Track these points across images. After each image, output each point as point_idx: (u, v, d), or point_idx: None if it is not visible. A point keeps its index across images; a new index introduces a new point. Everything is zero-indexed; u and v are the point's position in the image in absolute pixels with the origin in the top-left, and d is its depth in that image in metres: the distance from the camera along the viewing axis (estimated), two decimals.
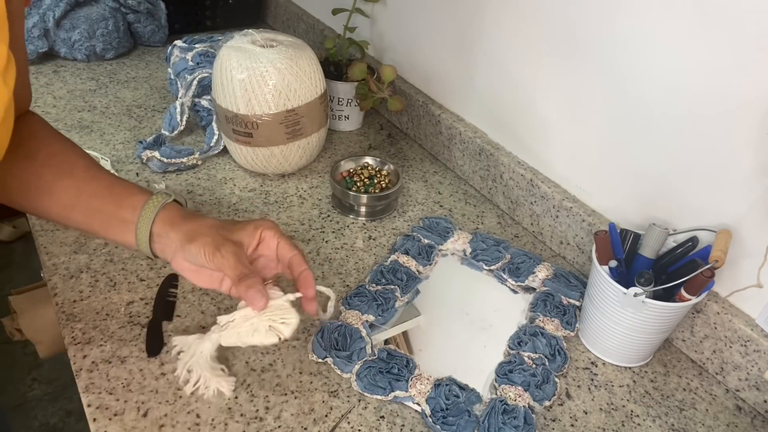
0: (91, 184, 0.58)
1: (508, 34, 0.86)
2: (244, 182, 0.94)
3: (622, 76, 0.72)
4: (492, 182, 0.95)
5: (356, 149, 1.07)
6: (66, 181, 0.58)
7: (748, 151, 0.62)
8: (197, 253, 0.55)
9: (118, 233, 0.58)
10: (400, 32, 1.09)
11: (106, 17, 1.20)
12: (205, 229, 0.56)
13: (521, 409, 0.62)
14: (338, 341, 0.67)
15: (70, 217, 0.59)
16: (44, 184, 0.58)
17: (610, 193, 0.80)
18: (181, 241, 0.56)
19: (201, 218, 0.58)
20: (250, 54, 0.84)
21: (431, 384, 0.64)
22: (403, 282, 0.76)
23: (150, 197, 0.58)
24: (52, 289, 0.71)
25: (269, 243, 0.59)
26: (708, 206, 0.68)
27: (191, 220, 0.58)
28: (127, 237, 0.58)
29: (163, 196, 0.59)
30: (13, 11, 0.47)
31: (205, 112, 1.01)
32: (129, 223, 0.57)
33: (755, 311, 0.67)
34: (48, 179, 0.58)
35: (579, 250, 0.83)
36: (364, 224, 0.89)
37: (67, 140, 0.62)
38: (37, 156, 0.58)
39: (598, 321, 0.69)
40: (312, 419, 0.61)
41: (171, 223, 0.57)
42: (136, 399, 0.60)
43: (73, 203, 0.58)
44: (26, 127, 0.59)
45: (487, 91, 0.94)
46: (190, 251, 0.55)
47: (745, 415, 0.67)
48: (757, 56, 0.58)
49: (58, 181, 0.58)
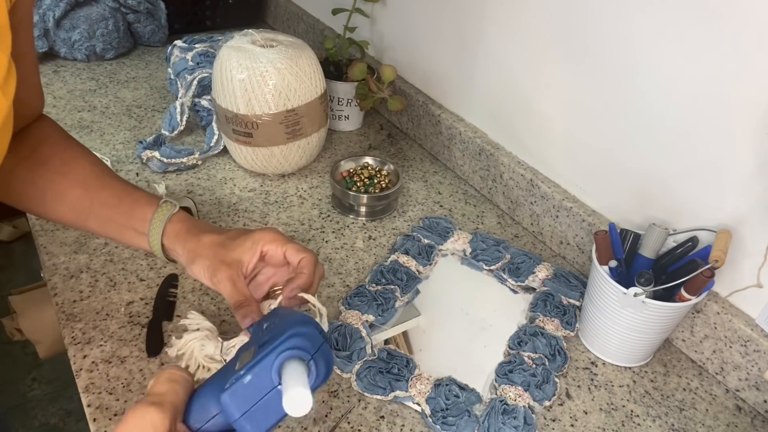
0: (102, 194, 0.59)
1: (509, 34, 0.86)
2: (244, 182, 0.94)
3: (622, 75, 0.72)
4: (492, 182, 0.95)
5: (356, 149, 1.07)
6: (78, 191, 0.59)
7: (747, 151, 0.62)
8: (198, 275, 0.56)
9: (135, 242, 0.60)
10: (400, 32, 1.09)
11: (106, 17, 1.20)
12: (203, 250, 0.56)
13: (521, 409, 0.62)
14: (338, 341, 0.67)
15: (86, 225, 0.61)
16: (59, 193, 0.59)
17: (610, 193, 0.80)
18: (185, 259, 0.57)
19: (202, 234, 0.58)
20: (250, 54, 0.84)
21: (431, 384, 0.64)
22: (403, 282, 0.77)
23: (157, 209, 0.59)
24: (52, 289, 0.71)
25: (274, 254, 0.57)
26: (708, 206, 0.68)
27: (193, 236, 0.58)
28: (144, 246, 0.60)
29: (168, 206, 0.59)
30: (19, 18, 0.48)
31: (205, 112, 1.01)
32: (141, 234, 0.59)
33: (755, 311, 0.67)
34: (62, 188, 0.59)
35: (579, 250, 0.83)
36: (364, 224, 0.89)
37: (79, 145, 0.62)
38: (51, 163, 0.59)
39: (598, 321, 0.69)
40: (312, 419, 0.61)
41: (177, 238, 0.58)
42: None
43: (87, 213, 0.59)
44: (39, 132, 0.60)
45: (487, 91, 0.94)
46: (192, 271, 0.57)
47: (745, 415, 0.67)
48: (757, 56, 0.58)
49: (71, 189, 0.59)
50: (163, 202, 0.59)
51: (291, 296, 0.55)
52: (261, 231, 0.57)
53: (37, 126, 0.61)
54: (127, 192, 0.60)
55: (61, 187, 0.59)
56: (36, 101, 0.61)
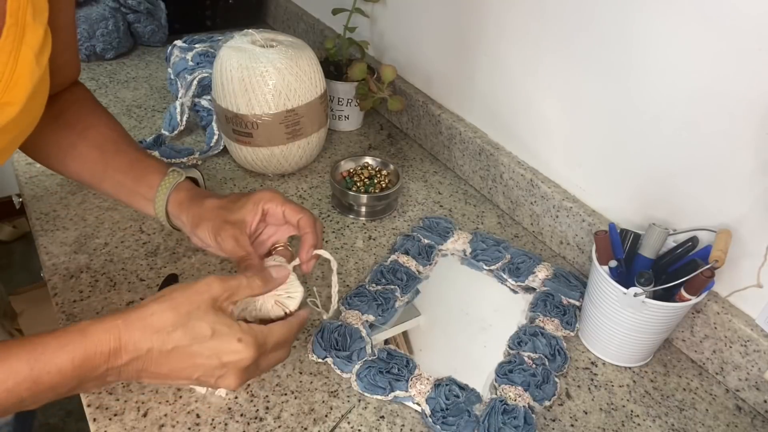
0: (116, 158, 0.63)
1: (509, 34, 0.86)
2: (244, 182, 0.94)
3: (622, 75, 0.72)
4: (492, 182, 0.95)
5: (356, 149, 1.07)
6: (95, 154, 0.63)
7: (748, 151, 0.62)
8: (203, 237, 0.59)
9: (142, 207, 0.64)
10: (400, 32, 1.09)
11: (106, 17, 1.20)
12: (207, 213, 0.59)
13: (521, 409, 0.62)
14: (338, 341, 0.67)
15: (100, 187, 0.65)
16: (79, 154, 0.63)
17: (610, 193, 0.80)
18: (190, 225, 0.60)
19: (205, 199, 0.61)
20: (250, 54, 0.84)
21: (431, 384, 0.64)
22: (403, 282, 0.77)
23: (164, 177, 0.62)
24: (52, 289, 0.71)
25: (274, 213, 0.60)
26: (708, 206, 0.68)
27: (196, 202, 0.61)
28: (150, 211, 0.64)
29: (175, 175, 0.63)
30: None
31: (205, 112, 1.01)
32: (148, 200, 0.63)
33: (755, 311, 0.67)
34: (82, 150, 0.63)
35: (579, 250, 0.83)
36: (364, 224, 0.89)
37: (104, 111, 0.67)
38: (76, 127, 0.64)
39: (598, 321, 0.69)
40: (312, 419, 0.61)
41: (180, 205, 0.61)
42: (136, 399, 0.60)
43: (102, 175, 0.64)
44: (70, 97, 0.65)
45: (487, 91, 0.94)
46: (197, 235, 0.60)
47: (745, 415, 0.67)
48: (757, 56, 0.58)
49: (89, 152, 0.63)
50: (171, 170, 0.63)
51: (309, 259, 0.59)
52: (260, 191, 0.61)
53: (70, 91, 0.65)
54: (139, 159, 0.64)
55: (80, 149, 0.63)
56: (71, 70, 0.65)
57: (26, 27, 0.45)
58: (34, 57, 0.46)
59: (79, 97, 0.66)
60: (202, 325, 0.46)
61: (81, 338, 0.44)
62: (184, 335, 0.46)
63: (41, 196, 0.85)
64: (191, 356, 0.46)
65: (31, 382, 0.42)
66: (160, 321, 0.45)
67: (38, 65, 0.47)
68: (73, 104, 0.64)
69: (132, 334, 0.45)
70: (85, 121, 0.64)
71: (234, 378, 0.48)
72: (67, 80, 0.65)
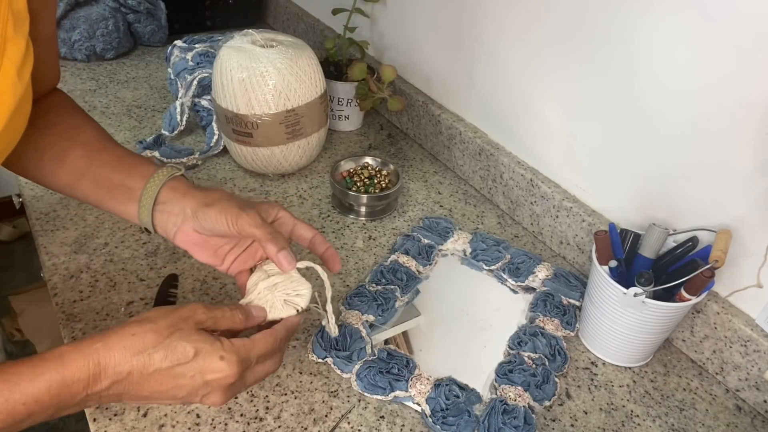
0: (102, 154, 0.59)
1: (509, 34, 0.86)
2: (244, 182, 0.94)
3: (622, 75, 0.72)
4: (492, 182, 0.95)
5: (356, 149, 1.07)
6: (78, 150, 0.59)
7: (748, 151, 0.62)
8: (216, 216, 0.54)
9: (121, 202, 0.58)
10: (400, 32, 1.09)
11: (106, 17, 1.20)
12: (224, 195, 0.56)
13: (521, 409, 0.62)
14: (338, 341, 0.67)
15: (77, 186, 0.59)
16: (58, 151, 0.59)
17: (610, 193, 0.80)
18: (196, 207, 0.55)
19: (213, 189, 0.58)
20: (250, 54, 0.84)
21: (431, 384, 0.64)
22: (403, 282, 0.77)
23: (161, 168, 0.58)
24: (52, 289, 0.71)
25: (285, 222, 0.58)
26: (708, 206, 0.68)
27: (203, 190, 0.58)
28: (130, 207, 0.57)
29: (172, 168, 0.59)
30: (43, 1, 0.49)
31: (205, 112, 1.01)
32: (134, 190, 0.57)
33: (755, 311, 0.67)
34: (62, 147, 0.59)
35: (579, 250, 0.83)
36: (364, 224, 0.89)
37: (87, 116, 0.63)
38: (56, 127, 0.60)
39: (598, 321, 0.69)
40: (312, 419, 0.61)
41: (180, 191, 0.57)
42: None
43: (83, 171, 0.58)
44: (50, 101, 0.61)
45: (487, 91, 0.94)
46: (207, 216, 0.54)
47: (745, 415, 0.67)
48: (757, 56, 0.58)
49: (70, 149, 0.59)
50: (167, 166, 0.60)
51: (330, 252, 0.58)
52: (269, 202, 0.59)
53: (49, 96, 0.61)
54: (130, 155, 0.60)
55: (60, 148, 0.58)
56: (52, 77, 0.62)
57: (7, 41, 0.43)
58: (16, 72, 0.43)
59: (60, 101, 0.62)
60: (185, 346, 0.45)
61: (58, 366, 0.42)
62: (165, 357, 0.45)
63: (41, 196, 0.85)
64: (173, 378, 0.46)
65: (6, 413, 0.41)
66: (141, 343, 0.45)
67: (20, 80, 0.44)
68: (54, 108, 0.61)
69: (111, 357, 0.44)
70: (67, 122, 0.61)
71: (219, 395, 0.47)
72: (46, 89, 0.62)
